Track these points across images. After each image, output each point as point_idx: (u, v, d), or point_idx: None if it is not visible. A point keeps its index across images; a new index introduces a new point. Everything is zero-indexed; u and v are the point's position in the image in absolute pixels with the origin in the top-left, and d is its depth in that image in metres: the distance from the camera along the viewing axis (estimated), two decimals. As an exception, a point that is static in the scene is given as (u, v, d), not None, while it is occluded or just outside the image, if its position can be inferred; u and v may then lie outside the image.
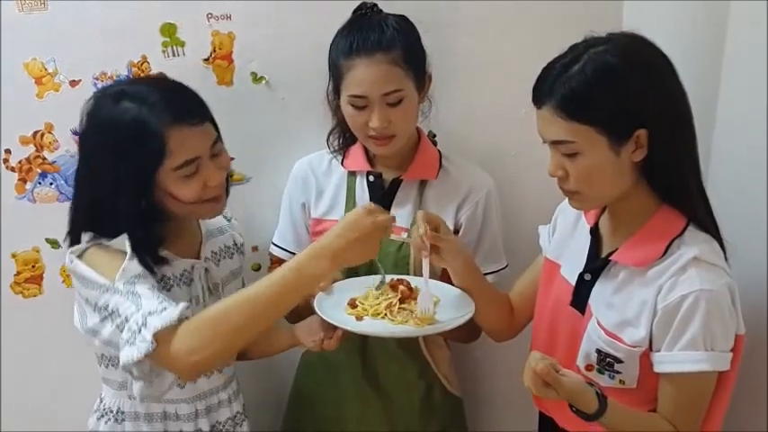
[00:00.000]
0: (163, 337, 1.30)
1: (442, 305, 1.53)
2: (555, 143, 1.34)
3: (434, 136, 1.82)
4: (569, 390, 1.27)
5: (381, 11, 1.65)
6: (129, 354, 1.32)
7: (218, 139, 1.50)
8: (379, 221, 1.35)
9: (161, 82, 1.52)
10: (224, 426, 1.64)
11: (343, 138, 1.76)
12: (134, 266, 1.41)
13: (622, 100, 1.28)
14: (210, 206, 1.51)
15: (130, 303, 1.35)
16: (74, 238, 1.51)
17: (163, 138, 1.38)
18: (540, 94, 1.33)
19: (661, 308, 1.31)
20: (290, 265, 1.34)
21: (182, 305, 1.34)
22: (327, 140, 1.78)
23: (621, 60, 1.29)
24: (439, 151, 1.77)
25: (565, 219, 1.59)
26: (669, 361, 1.32)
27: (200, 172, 1.44)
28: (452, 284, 1.58)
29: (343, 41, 1.61)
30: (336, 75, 1.63)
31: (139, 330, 1.31)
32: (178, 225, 1.54)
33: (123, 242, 1.44)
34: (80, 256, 1.46)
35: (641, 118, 1.29)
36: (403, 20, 1.64)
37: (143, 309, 1.33)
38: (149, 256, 1.45)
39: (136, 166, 1.40)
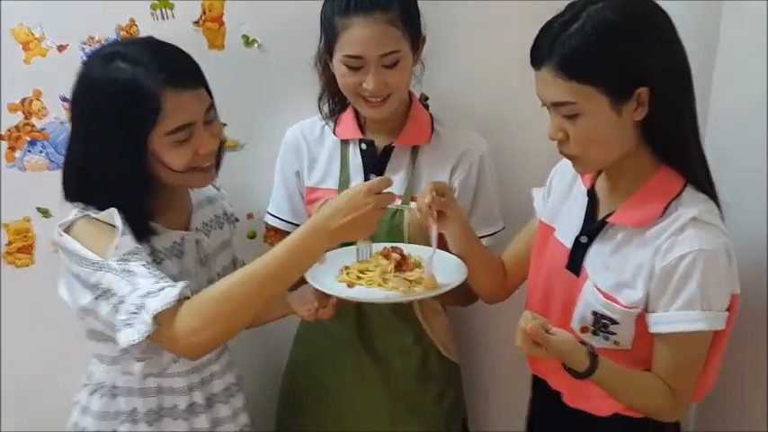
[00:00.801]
0: (163, 318, 1.28)
1: (436, 270, 1.51)
2: (555, 105, 1.31)
3: (426, 99, 1.78)
4: (558, 348, 1.28)
5: None
6: (128, 336, 1.29)
7: (212, 105, 1.45)
8: (380, 200, 1.33)
9: (155, 43, 1.44)
10: (218, 397, 1.61)
11: (333, 102, 1.72)
12: (127, 243, 1.35)
13: (623, 57, 1.25)
14: (201, 175, 1.46)
15: (126, 283, 1.31)
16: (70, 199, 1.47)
17: (158, 100, 1.34)
18: (539, 54, 1.30)
19: (659, 268, 1.30)
20: (288, 242, 1.32)
21: (180, 285, 1.31)
22: (319, 105, 1.74)
23: (621, 17, 1.25)
24: (431, 115, 1.74)
25: (560, 181, 1.56)
26: (666, 321, 1.31)
27: (193, 139, 1.40)
28: (446, 249, 1.57)
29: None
30: (331, 33, 1.57)
31: (137, 312, 1.28)
32: (167, 195, 1.49)
33: (112, 216, 1.38)
34: (68, 230, 1.39)
35: (642, 75, 1.26)
36: None
37: (140, 289, 1.30)
38: (139, 226, 1.40)
39: (129, 128, 1.35)
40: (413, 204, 1.61)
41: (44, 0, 1.76)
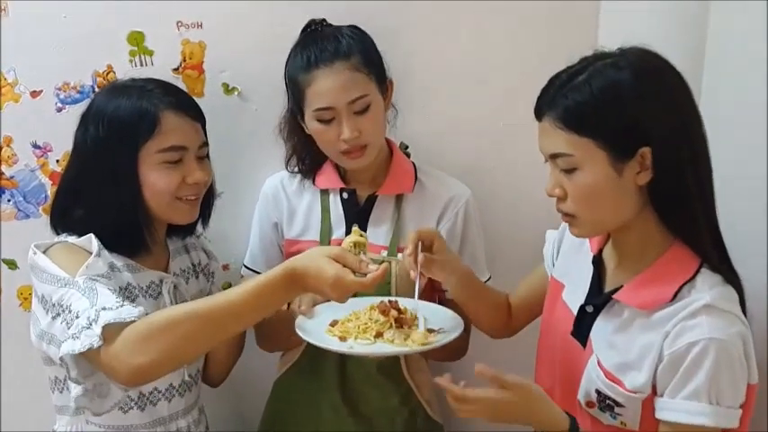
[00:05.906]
0: (110, 334, 1.16)
1: (430, 324, 1.39)
2: (553, 157, 1.20)
3: (407, 147, 1.68)
4: (489, 407, 1.23)
5: (331, 24, 1.54)
6: (70, 346, 1.15)
7: (206, 145, 1.47)
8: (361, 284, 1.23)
9: (163, 81, 1.48)
10: None
11: (303, 163, 1.63)
12: (99, 265, 1.30)
13: (626, 113, 1.15)
14: (185, 207, 1.43)
15: (86, 299, 1.20)
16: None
17: (157, 116, 1.36)
18: (542, 105, 1.21)
19: (667, 354, 1.17)
20: (256, 287, 1.20)
21: (140, 309, 1.21)
22: (286, 166, 1.65)
23: (628, 73, 1.16)
24: (413, 163, 1.64)
25: (571, 235, 1.41)
26: (670, 408, 1.18)
27: (183, 165, 1.39)
28: (439, 299, 1.47)
29: (300, 57, 1.49)
30: (297, 93, 1.50)
31: (89, 326, 1.15)
32: (147, 234, 1.43)
33: (90, 240, 1.34)
34: (44, 252, 1.33)
35: (646, 135, 1.15)
36: (355, 28, 1.54)
37: (97, 305, 1.18)
38: (132, 239, 1.40)
39: (124, 138, 1.35)
40: (399, 256, 1.49)
41: (18, 44, 1.65)
